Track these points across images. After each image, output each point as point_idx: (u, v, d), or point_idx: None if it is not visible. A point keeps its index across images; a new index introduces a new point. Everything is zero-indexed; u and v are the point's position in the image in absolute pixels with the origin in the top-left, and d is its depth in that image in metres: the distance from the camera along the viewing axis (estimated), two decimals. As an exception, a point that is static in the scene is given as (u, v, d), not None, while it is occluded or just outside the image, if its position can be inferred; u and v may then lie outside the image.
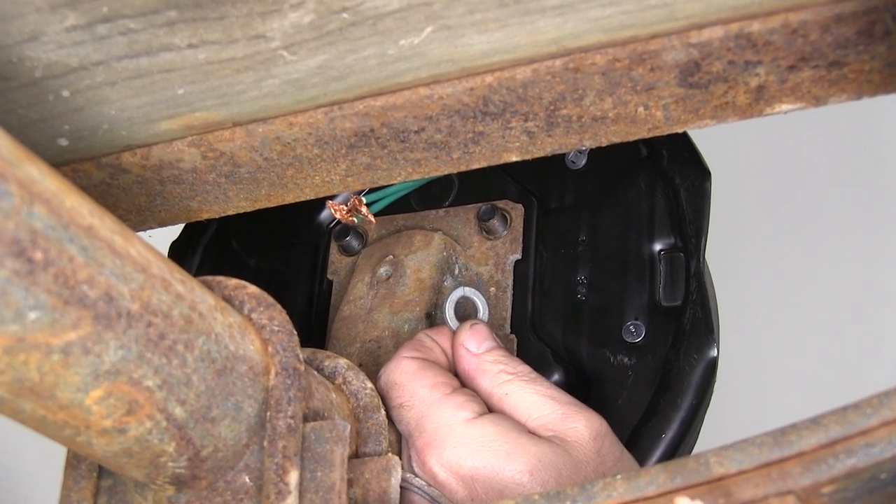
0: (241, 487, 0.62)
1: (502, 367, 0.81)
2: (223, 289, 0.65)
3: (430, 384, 0.78)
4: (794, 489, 0.52)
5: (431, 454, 0.75)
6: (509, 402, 0.79)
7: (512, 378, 0.80)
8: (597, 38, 0.64)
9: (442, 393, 0.77)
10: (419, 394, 0.77)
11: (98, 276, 0.49)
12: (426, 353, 0.82)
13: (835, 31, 0.61)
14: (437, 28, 0.63)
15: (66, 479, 0.65)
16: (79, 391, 0.51)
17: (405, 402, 0.77)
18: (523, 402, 0.78)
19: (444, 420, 0.76)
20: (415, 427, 0.76)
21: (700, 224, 0.90)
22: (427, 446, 0.75)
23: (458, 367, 0.83)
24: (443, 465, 0.74)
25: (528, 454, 0.73)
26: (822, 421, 0.53)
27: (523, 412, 0.78)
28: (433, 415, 0.76)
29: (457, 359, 0.83)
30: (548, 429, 0.76)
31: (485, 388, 0.80)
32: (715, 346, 0.86)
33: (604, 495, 0.54)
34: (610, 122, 0.70)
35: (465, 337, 0.83)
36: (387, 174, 0.77)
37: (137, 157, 0.75)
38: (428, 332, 0.85)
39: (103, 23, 0.61)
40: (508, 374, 0.80)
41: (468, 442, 0.74)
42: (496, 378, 0.80)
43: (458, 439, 0.75)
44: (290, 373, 0.63)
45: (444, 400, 0.77)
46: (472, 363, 0.81)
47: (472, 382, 0.81)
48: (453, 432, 0.75)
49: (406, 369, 0.79)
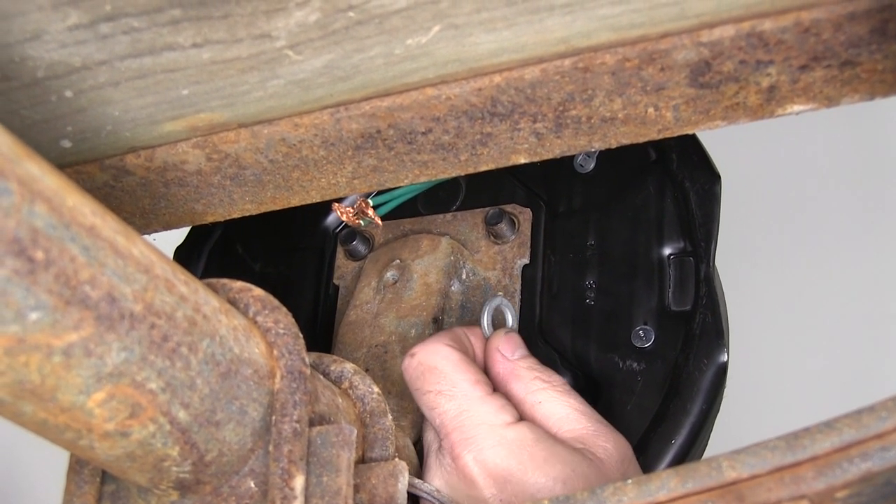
0: (245, 492, 0.61)
1: (537, 375, 0.81)
2: (228, 291, 0.64)
3: (472, 379, 0.78)
4: (808, 494, 0.51)
5: (469, 449, 0.75)
6: (541, 410, 0.79)
7: (546, 387, 0.80)
8: (606, 37, 0.63)
9: (484, 392, 0.77)
10: (461, 386, 0.77)
11: (100, 276, 0.48)
12: (463, 347, 0.82)
13: (847, 29, 0.60)
14: (444, 27, 0.62)
15: (68, 484, 0.64)
16: (80, 393, 0.50)
17: (445, 390, 0.78)
18: (556, 413, 0.79)
19: (486, 419, 0.76)
20: (452, 419, 0.76)
21: (710, 228, 0.89)
22: (466, 441, 0.75)
23: (492, 370, 0.83)
24: (478, 462, 0.74)
25: (563, 463, 0.74)
26: (835, 424, 0.52)
27: (555, 422, 0.78)
28: (475, 412, 0.76)
29: (491, 362, 0.83)
30: (579, 441, 0.77)
31: (518, 393, 0.80)
32: (725, 351, 0.85)
33: (614, 500, 0.54)
34: (619, 123, 0.69)
35: (501, 342, 0.83)
36: (393, 176, 0.76)
37: (141, 159, 0.75)
38: (464, 329, 0.85)
39: (106, 21, 0.61)
40: (543, 381, 0.81)
41: (507, 444, 0.75)
42: (531, 384, 0.80)
43: (497, 440, 0.75)
44: (296, 376, 0.62)
45: (486, 399, 0.77)
46: (507, 367, 0.82)
47: (506, 387, 0.82)
48: (494, 433, 0.75)
49: (448, 357, 0.79)
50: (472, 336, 0.85)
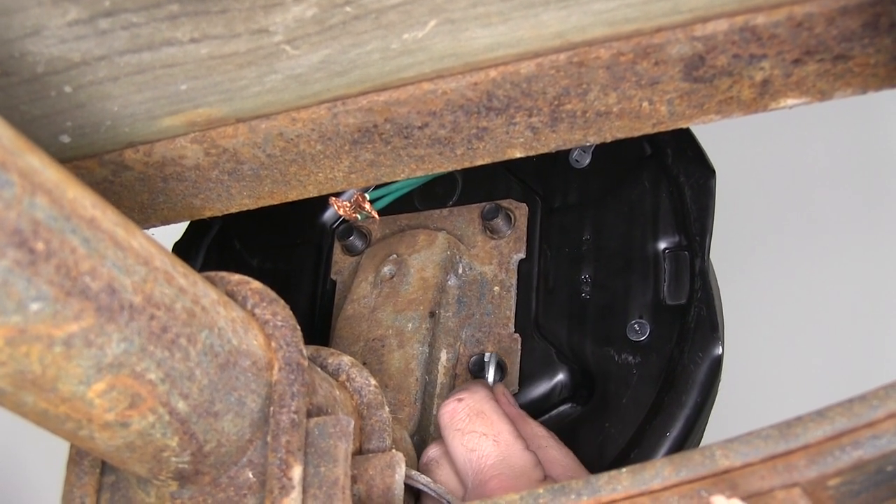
0: (244, 483, 0.62)
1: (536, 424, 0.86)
2: (226, 284, 0.65)
3: (513, 431, 0.81)
4: (800, 482, 0.52)
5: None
6: (548, 455, 0.83)
7: (547, 435, 0.85)
8: (601, 31, 0.64)
9: (523, 446, 0.80)
10: (505, 436, 0.80)
11: (100, 267, 0.49)
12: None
13: (840, 23, 0.61)
14: (440, 22, 0.63)
15: (68, 475, 0.65)
16: (81, 384, 0.50)
17: (491, 434, 0.80)
18: (561, 460, 0.83)
19: (525, 471, 0.79)
20: (493, 465, 0.79)
21: (704, 222, 0.90)
22: (504, 489, 0.77)
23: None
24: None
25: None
26: (827, 413, 0.53)
27: (561, 468, 0.82)
28: (517, 462, 0.79)
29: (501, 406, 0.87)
30: None
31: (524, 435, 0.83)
32: (720, 344, 0.85)
33: (609, 489, 0.54)
34: (614, 118, 0.70)
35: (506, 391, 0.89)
36: (390, 171, 0.76)
37: (140, 154, 0.75)
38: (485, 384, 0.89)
39: (105, 17, 0.61)
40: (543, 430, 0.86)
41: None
42: (536, 430, 0.85)
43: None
44: (294, 368, 0.62)
45: (527, 453, 0.80)
46: (513, 412, 0.86)
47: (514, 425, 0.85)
48: (531, 484, 0.78)
49: (494, 407, 0.83)
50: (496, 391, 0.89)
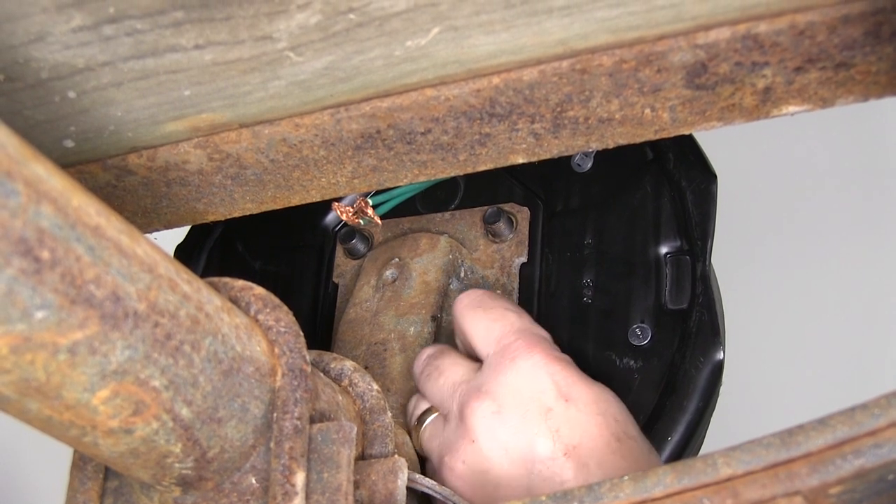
0: (247, 489, 0.62)
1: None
2: (229, 290, 0.65)
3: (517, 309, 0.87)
4: (802, 490, 0.52)
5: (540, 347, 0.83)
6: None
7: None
8: (604, 39, 0.64)
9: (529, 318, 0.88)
10: (514, 309, 0.86)
11: (105, 275, 0.49)
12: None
13: (842, 32, 0.61)
14: (443, 29, 0.63)
15: (71, 480, 0.65)
16: (85, 391, 0.51)
17: (514, 310, 0.86)
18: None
19: (547, 340, 0.85)
20: (521, 329, 0.83)
21: (706, 227, 0.90)
22: (529, 347, 0.81)
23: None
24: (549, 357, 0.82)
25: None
26: (829, 421, 0.53)
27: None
28: (539, 332, 0.85)
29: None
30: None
31: None
32: (721, 349, 0.85)
33: (611, 496, 0.54)
34: (616, 124, 0.70)
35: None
36: (393, 176, 0.77)
37: (143, 159, 0.75)
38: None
39: (109, 23, 0.61)
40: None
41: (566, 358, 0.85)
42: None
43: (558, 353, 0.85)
44: (297, 374, 0.63)
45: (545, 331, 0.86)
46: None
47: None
48: (553, 345, 0.85)
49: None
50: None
